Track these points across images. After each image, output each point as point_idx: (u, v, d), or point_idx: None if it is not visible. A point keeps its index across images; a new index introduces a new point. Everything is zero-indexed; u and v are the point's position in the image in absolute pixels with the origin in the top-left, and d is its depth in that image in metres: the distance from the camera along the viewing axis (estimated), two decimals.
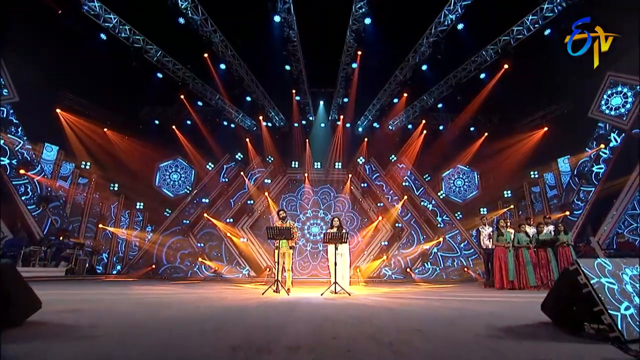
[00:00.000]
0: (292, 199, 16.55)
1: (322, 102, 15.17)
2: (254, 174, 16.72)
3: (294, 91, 13.32)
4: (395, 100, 14.20)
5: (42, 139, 12.03)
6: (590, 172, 11.91)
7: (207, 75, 12.55)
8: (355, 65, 11.77)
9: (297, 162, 16.66)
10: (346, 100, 14.18)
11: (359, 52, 11.33)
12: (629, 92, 11.04)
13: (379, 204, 16.20)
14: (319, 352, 1.93)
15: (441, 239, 15.62)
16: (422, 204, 16.33)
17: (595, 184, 11.75)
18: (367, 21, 10.31)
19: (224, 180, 16.38)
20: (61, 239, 10.39)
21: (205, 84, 13.25)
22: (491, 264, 8.57)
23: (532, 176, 14.51)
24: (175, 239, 15.35)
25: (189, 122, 15.50)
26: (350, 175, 16.51)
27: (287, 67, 11.81)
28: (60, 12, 9.60)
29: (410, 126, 16.08)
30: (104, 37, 10.24)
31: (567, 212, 12.03)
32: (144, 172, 15.71)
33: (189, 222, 15.58)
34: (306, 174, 16.44)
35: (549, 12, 10.07)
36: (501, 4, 10.11)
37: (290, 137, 16.24)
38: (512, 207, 15.09)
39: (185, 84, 12.57)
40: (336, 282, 6.36)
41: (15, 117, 11.10)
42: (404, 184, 16.60)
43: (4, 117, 10.80)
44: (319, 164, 16.73)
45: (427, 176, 16.92)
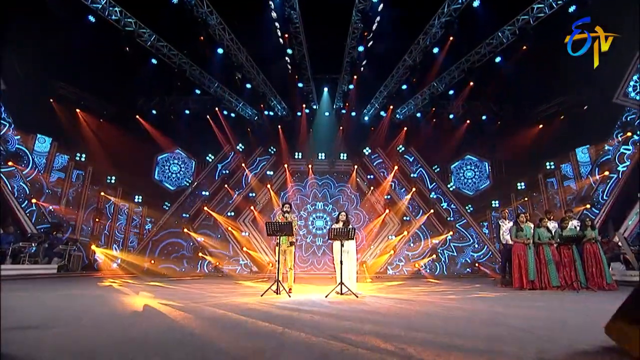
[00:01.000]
0: (295, 191, 16.10)
1: (326, 90, 14.58)
2: (255, 166, 16.27)
3: (297, 77, 12.73)
4: (403, 86, 13.54)
5: (34, 130, 11.62)
6: (614, 162, 11.25)
7: (205, 61, 12.02)
8: (361, 48, 11.12)
9: (300, 153, 16.17)
10: (351, 87, 13.56)
11: (366, 35, 10.68)
12: None
13: (386, 197, 15.69)
14: None
15: (451, 233, 15.10)
16: (431, 196, 15.78)
17: (619, 174, 11.11)
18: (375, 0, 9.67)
19: (224, 172, 15.95)
20: (54, 234, 10.06)
21: (203, 70, 12.71)
22: (509, 261, 8.08)
23: (548, 167, 13.88)
24: (169, 242, 15.00)
25: (187, 111, 15.03)
26: (355, 166, 15.99)
27: (289, 51, 11.21)
28: None
29: (419, 115, 15.44)
30: (92, 19, 9.71)
31: (588, 205, 11.42)
32: (142, 164, 15.36)
33: (188, 215, 15.22)
34: (310, 165, 15.95)
35: None
36: None
37: (293, 127, 15.72)
38: (526, 199, 14.48)
39: (181, 71, 12.03)
40: (342, 283, 5.90)
41: (4, 107, 10.70)
42: (412, 176, 16.04)
43: None
44: (323, 154, 16.22)
45: (436, 167, 16.34)
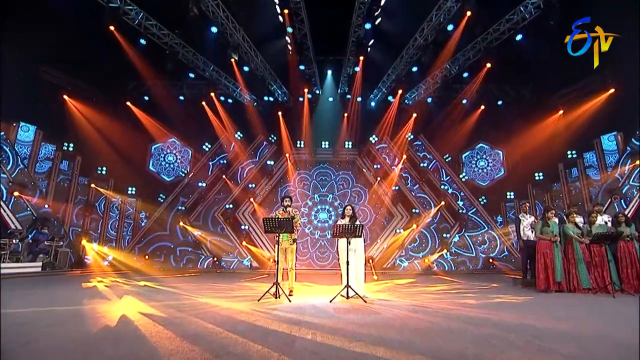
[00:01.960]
0: (297, 182, 15.61)
1: (329, 72, 13.92)
2: (255, 155, 15.76)
3: (298, 59, 12.08)
4: (414, 68, 12.85)
5: (16, 118, 11.14)
6: None
7: (198, 42, 11.40)
8: (368, 25, 10.44)
9: (302, 141, 15.63)
10: (357, 69, 12.90)
11: (374, 10, 9.98)
12: None
13: (394, 188, 15.15)
14: None
15: (463, 226, 14.58)
16: (442, 187, 15.22)
17: None
18: None
19: (222, 162, 15.46)
20: (39, 229, 9.68)
21: (196, 52, 12.10)
22: (530, 259, 7.57)
23: (569, 156, 13.21)
24: (165, 236, 14.63)
25: (181, 97, 14.48)
26: (361, 155, 15.43)
27: (289, 30, 10.55)
28: None
29: (429, 100, 14.77)
30: None
31: (617, 198, 10.81)
32: (135, 154, 14.89)
33: (184, 208, 14.81)
34: (313, 155, 15.41)
35: None
36: None
37: (294, 114, 15.14)
38: (545, 190, 13.85)
39: (173, 53, 11.43)
40: (348, 286, 5.43)
41: None
42: (421, 165, 15.46)
43: None
44: (327, 143, 15.67)
45: (447, 156, 15.74)
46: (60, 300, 5.04)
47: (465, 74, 13.14)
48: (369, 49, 11.68)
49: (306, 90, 14.28)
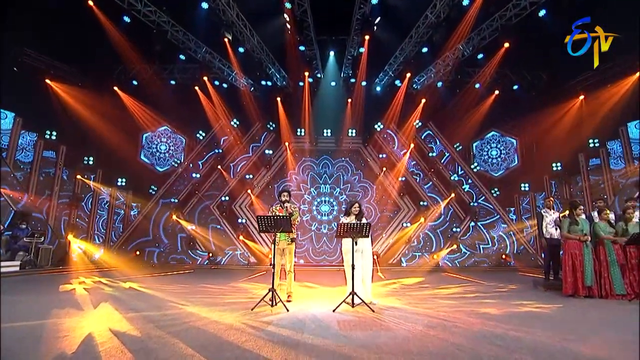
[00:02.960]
0: (298, 172, 15.09)
1: (332, 54, 13.21)
2: (252, 144, 15.21)
3: (297, 39, 11.40)
4: (424, 49, 12.15)
5: None
6: None
7: (188, 20, 10.74)
8: (375, 0, 9.73)
9: (303, 129, 15.05)
10: (362, 50, 12.21)
11: None
12: None
13: (400, 179, 14.61)
14: None
15: (474, 220, 14.08)
16: (452, 178, 14.66)
17: None
18: None
19: (217, 151, 14.92)
20: (20, 225, 9.22)
21: (186, 32, 11.43)
22: (553, 260, 7.08)
23: (591, 145, 12.58)
24: (158, 230, 14.22)
25: (172, 82, 13.85)
26: (366, 144, 14.88)
27: (288, 5, 9.85)
28: None
29: (440, 84, 14.08)
30: None
31: None
32: (125, 143, 14.34)
33: (177, 200, 14.34)
34: (314, 144, 14.85)
35: None
36: None
37: (294, 99, 14.52)
38: (563, 182, 13.28)
39: (161, 32, 10.77)
40: (354, 293, 4.95)
41: None
42: (430, 155, 14.87)
43: None
44: (329, 131, 15.09)
45: (458, 145, 15.14)
46: (24, 310, 4.57)
47: (480, 56, 12.42)
48: (375, 28, 10.97)
49: (306, 73, 13.61)
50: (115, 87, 13.42)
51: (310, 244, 14.40)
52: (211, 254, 13.80)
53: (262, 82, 13.86)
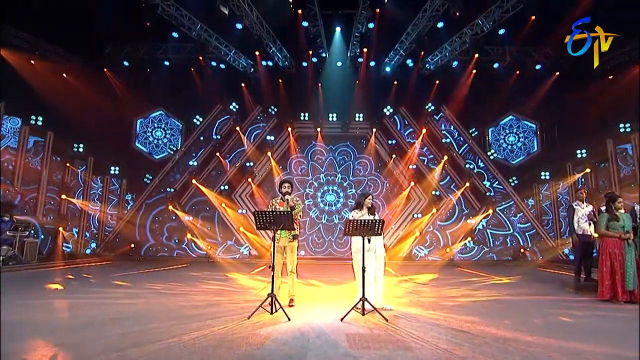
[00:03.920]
0: (301, 160, 14.55)
1: (338, 30, 12.45)
2: (253, 129, 14.66)
3: (300, 13, 10.67)
4: (439, 24, 11.38)
5: None
6: None
7: None
8: None
9: (307, 114, 14.42)
10: (371, 25, 11.46)
11: None
12: None
13: (411, 167, 14.01)
14: None
15: (490, 211, 13.50)
16: (467, 166, 14.02)
17: None
18: None
19: (215, 137, 14.38)
20: (3, 217, 8.82)
21: (179, 6, 10.76)
22: (585, 259, 6.53)
23: (622, 130, 11.83)
24: (154, 221, 13.81)
25: (166, 62, 13.23)
26: (374, 129, 14.23)
27: None
28: None
29: (455, 63, 13.32)
30: None
31: None
32: (118, 129, 13.90)
33: (174, 190, 13.89)
34: (319, 129, 14.26)
35: None
36: None
37: (297, 81, 13.85)
38: (588, 171, 12.62)
39: (151, 6, 10.12)
40: (365, 299, 4.46)
41: None
42: (443, 141, 14.21)
43: None
44: (335, 115, 14.44)
45: (473, 130, 14.44)
46: None
47: (501, 31, 11.61)
48: (386, 0, 10.21)
49: (310, 52, 12.92)
50: (105, 69, 12.83)
51: (311, 234, 13.95)
52: (209, 247, 13.41)
53: (263, 63, 13.18)
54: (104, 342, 3.29)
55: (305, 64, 13.39)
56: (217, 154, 14.14)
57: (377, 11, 10.60)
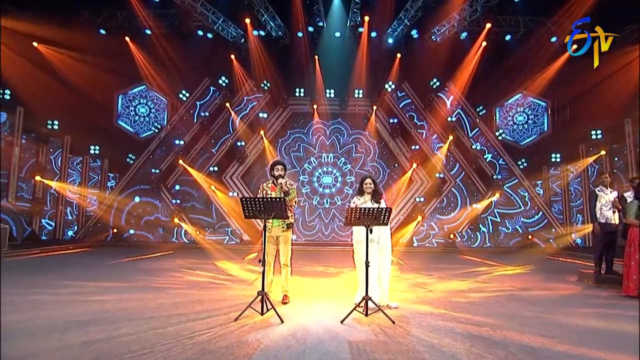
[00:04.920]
0: (296, 139, 14.00)
1: None
2: (244, 106, 13.98)
3: None
4: None
5: None
6: None
7: None
8: None
9: (302, 89, 13.77)
10: None
11: None
12: None
13: (413, 147, 13.52)
14: None
15: (497, 195, 13.13)
16: (473, 147, 13.56)
17: None
18: None
19: (203, 114, 13.72)
20: None
21: None
22: (608, 249, 6.16)
23: None
24: (139, 203, 13.27)
25: (147, 31, 12.39)
26: (375, 107, 13.65)
27: None
28: None
29: (464, 35, 12.65)
30: None
31: None
32: (97, 105, 13.12)
33: (159, 171, 13.33)
34: (315, 106, 13.65)
35: None
36: None
37: (292, 53, 13.12)
38: (604, 153, 12.21)
39: None
40: (369, 298, 4.04)
41: None
42: (449, 119, 13.67)
43: None
44: (333, 91, 13.80)
45: (481, 109, 13.89)
46: None
47: None
48: None
49: (306, 21, 12.16)
50: (79, 37, 11.98)
51: (303, 217, 13.56)
52: (198, 231, 12.98)
53: (255, 32, 12.42)
54: (59, 356, 2.84)
55: (300, 34, 12.65)
56: (206, 132, 13.52)
57: None
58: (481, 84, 13.29)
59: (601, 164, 12.36)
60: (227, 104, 13.55)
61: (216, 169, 13.53)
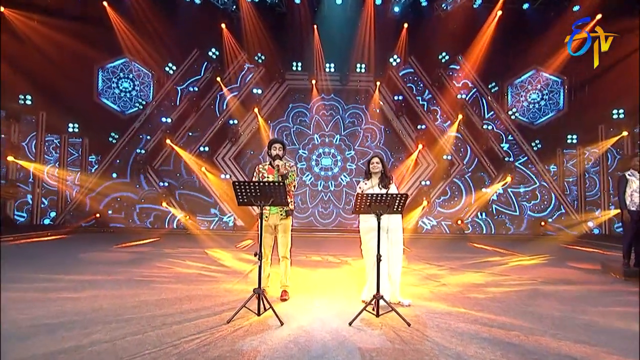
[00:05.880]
0: (294, 117, 13.48)
1: None
2: (236, 81, 13.35)
3: None
4: None
5: None
6: None
7: None
8: None
9: (300, 63, 13.14)
10: None
11: None
12: None
13: (419, 126, 13.06)
14: None
15: (509, 179, 12.77)
16: (484, 127, 13.11)
17: None
18: None
19: (192, 89, 13.12)
20: None
21: None
22: (638, 239, 5.85)
23: None
24: (120, 185, 12.81)
25: None
26: (378, 82, 13.09)
27: None
28: None
29: (477, 3, 12.02)
30: None
31: None
32: (76, 79, 12.41)
33: (144, 151, 12.82)
34: (314, 81, 13.09)
35: None
36: None
37: (289, 23, 12.45)
38: (626, 134, 11.82)
39: None
40: (380, 296, 3.69)
41: None
42: (458, 97, 13.17)
43: None
44: (333, 65, 13.20)
45: (493, 85, 13.38)
46: None
47: None
48: None
49: None
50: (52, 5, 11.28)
51: (304, 203, 13.20)
52: (188, 216, 12.59)
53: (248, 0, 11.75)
54: None
55: (298, 1, 12.00)
56: (195, 109, 12.97)
57: None
58: (495, 59, 12.72)
59: (622, 146, 11.99)
60: (218, 78, 12.93)
61: (207, 149, 13.01)
